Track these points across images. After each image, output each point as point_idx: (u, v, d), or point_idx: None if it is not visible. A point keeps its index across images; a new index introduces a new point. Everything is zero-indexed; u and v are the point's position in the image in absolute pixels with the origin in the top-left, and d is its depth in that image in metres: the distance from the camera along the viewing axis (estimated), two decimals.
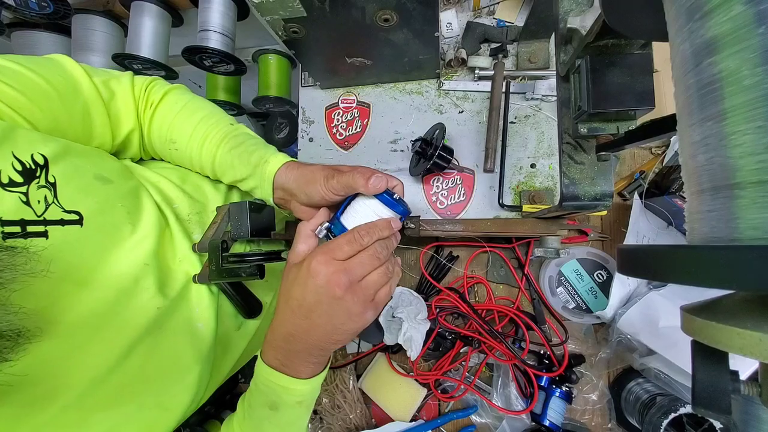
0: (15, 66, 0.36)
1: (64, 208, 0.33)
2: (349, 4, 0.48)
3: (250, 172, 0.47)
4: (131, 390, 0.36)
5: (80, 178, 0.36)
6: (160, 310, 0.39)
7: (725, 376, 0.21)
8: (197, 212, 0.49)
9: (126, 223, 0.39)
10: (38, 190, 0.31)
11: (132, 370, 0.36)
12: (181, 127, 0.48)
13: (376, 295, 0.38)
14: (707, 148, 0.18)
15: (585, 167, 0.42)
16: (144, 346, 0.37)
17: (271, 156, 0.47)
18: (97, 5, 0.80)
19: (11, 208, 0.29)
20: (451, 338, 0.72)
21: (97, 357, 0.33)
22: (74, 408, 0.32)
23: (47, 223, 0.31)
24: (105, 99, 0.43)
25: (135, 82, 0.47)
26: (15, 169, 0.30)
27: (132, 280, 0.37)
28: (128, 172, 0.44)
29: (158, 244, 0.41)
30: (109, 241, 0.37)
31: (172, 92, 0.49)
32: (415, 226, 0.56)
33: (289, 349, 0.39)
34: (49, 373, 0.30)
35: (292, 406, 0.41)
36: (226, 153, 0.47)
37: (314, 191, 0.44)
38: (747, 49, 0.16)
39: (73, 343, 0.32)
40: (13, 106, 0.34)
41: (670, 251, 0.18)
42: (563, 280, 0.71)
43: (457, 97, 0.69)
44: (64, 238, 0.32)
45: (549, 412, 0.66)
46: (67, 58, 0.42)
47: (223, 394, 1.15)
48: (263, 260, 0.46)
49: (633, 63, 0.34)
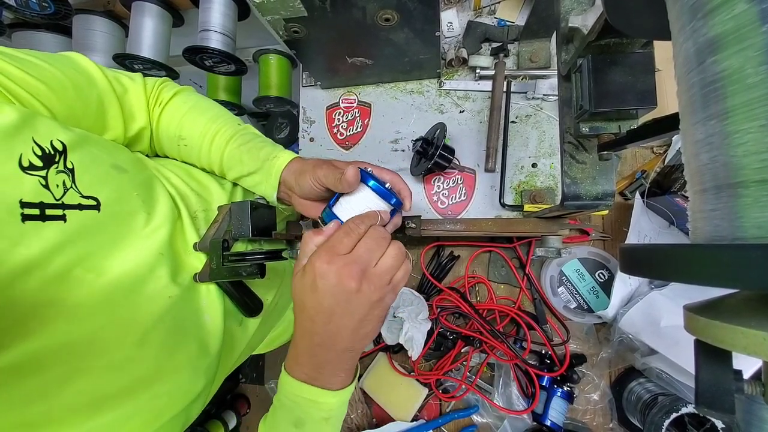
0: (32, 58, 0.37)
1: (82, 194, 0.33)
2: (350, 4, 0.48)
3: (259, 166, 0.48)
4: (146, 378, 0.36)
5: (97, 166, 0.36)
6: (172, 299, 0.39)
7: (728, 376, 0.21)
8: (203, 209, 0.49)
9: (141, 211, 0.39)
10: (57, 174, 0.32)
11: (147, 358, 0.36)
12: (190, 125, 0.49)
13: (392, 278, 0.37)
14: (710, 147, 0.18)
15: (586, 166, 0.42)
16: (157, 335, 0.37)
17: (280, 152, 0.49)
18: (98, 5, 0.80)
19: (31, 191, 0.30)
20: (453, 338, 0.72)
21: (114, 344, 0.34)
22: (89, 393, 0.32)
23: (65, 207, 0.32)
24: (118, 93, 0.45)
25: (147, 82, 0.49)
26: (35, 153, 0.31)
27: (147, 269, 0.38)
28: (142, 164, 0.45)
29: (171, 235, 0.41)
30: (125, 229, 0.37)
31: (182, 93, 0.51)
32: (416, 225, 0.56)
33: (318, 362, 0.38)
34: (64, 358, 0.31)
35: (318, 422, 0.40)
36: (235, 149, 0.49)
37: (304, 182, 0.45)
38: (750, 47, 0.16)
39: (89, 327, 0.32)
40: (33, 93, 0.35)
41: (672, 250, 0.18)
42: (565, 279, 0.71)
43: (458, 97, 0.69)
44: (82, 223, 0.33)
45: (550, 412, 0.66)
46: (79, 54, 0.43)
47: (224, 394, 1.15)
48: (264, 259, 0.46)
49: (635, 62, 0.34)
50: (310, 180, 0.44)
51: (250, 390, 1.14)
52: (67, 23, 0.80)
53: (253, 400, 1.14)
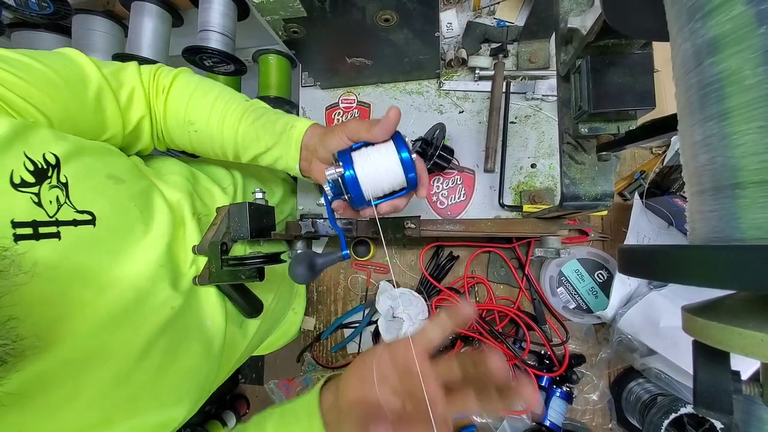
0: (24, 58, 0.36)
1: (76, 209, 0.33)
2: (350, 4, 0.48)
3: (276, 140, 0.47)
4: (152, 388, 0.36)
5: (92, 178, 0.35)
6: (174, 309, 0.39)
7: (727, 377, 0.21)
8: (206, 214, 0.49)
9: (139, 222, 0.38)
10: (50, 190, 0.31)
11: (151, 369, 0.36)
12: (197, 108, 0.48)
13: None
14: (709, 148, 0.18)
15: (585, 167, 0.42)
16: (161, 345, 0.37)
17: (297, 121, 0.48)
18: (98, 5, 0.80)
19: (23, 210, 0.29)
20: (452, 338, 0.72)
21: (117, 357, 0.33)
22: (98, 408, 0.32)
23: (59, 224, 0.31)
24: (114, 88, 0.44)
25: (141, 71, 0.48)
26: (27, 168, 0.30)
27: (149, 281, 0.37)
28: (139, 172, 0.44)
29: (171, 244, 0.41)
30: (123, 242, 0.36)
31: (181, 75, 0.50)
32: (416, 226, 0.56)
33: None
34: (70, 376, 0.30)
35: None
36: (249, 126, 0.47)
37: (331, 140, 0.43)
38: (748, 48, 0.16)
39: (93, 344, 0.32)
40: (26, 98, 0.34)
41: (671, 251, 0.18)
42: (564, 280, 0.71)
43: (457, 97, 0.69)
44: (78, 239, 0.32)
45: (550, 412, 0.66)
46: (74, 50, 0.42)
47: (223, 395, 1.15)
48: (263, 263, 0.46)
49: (633, 63, 0.34)
50: (339, 136, 0.42)
51: (250, 390, 1.14)
52: (67, 23, 0.80)
53: (253, 401, 1.14)
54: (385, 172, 0.41)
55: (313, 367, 0.81)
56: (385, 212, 0.43)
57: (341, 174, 0.40)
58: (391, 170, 0.41)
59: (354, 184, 0.40)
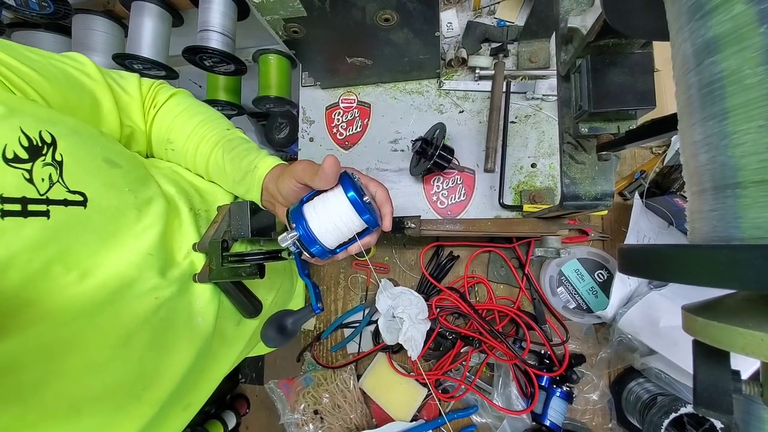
0: (26, 51, 0.36)
1: (68, 188, 0.32)
2: (350, 4, 0.48)
3: (241, 177, 0.47)
4: (127, 381, 0.35)
5: (88, 160, 0.35)
6: (159, 300, 0.38)
7: (727, 376, 0.21)
8: (206, 210, 0.49)
9: (132, 208, 0.38)
10: (43, 167, 0.30)
11: (130, 361, 0.35)
12: (179, 129, 0.49)
13: None
14: (709, 148, 0.18)
15: (586, 167, 0.42)
16: (142, 337, 0.36)
17: (261, 161, 0.46)
18: (98, 5, 0.80)
19: (12, 185, 0.28)
20: (452, 338, 0.72)
21: (94, 345, 0.33)
22: (67, 396, 0.31)
23: (50, 202, 0.30)
24: (113, 89, 0.44)
25: (142, 82, 0.48)
26: (21, 144, 0.29)
27: (135, 269, 0.36)
28: (138, 161, 0.43)
29: (164, 235, 0.40)
30: (113, 226, 0.36)
31: (177, 96, 0.50)
32: (416, 225, 0.56)
33: None
34: (41, 359, 0.30)
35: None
36: (219, 158, 0.47)
37: (284, 185, 0.42)
38: (748, 48, 0.16)
39: (70, 330, 0.31)
40: (26, 80, 0.34)
41: (671, 251, 0.18)
42: (564, 279, 0.71)
43: (457, 97, 0.69)
44: (66, 219, 0.31)
45: (550, 412, 0.66)
46: (78, 54, 0.43)
47: (223, 395, 1.15)
48: (263, 259, 0.46)
49: (634, 62, 0.34)
50: (288, 181, 0.41)
51: (250, 390, 1.14)
52: (67, 23, 0.80)
53: (253, 400, 1.14)
54: (339, 218, 0.38)
55: (313, 367, 0.81)
56: (356, 252, 0.42)
57: (296, 237, 0.39)
58: (345, 215, 0.38)
59: (312, 242, 0.39)
